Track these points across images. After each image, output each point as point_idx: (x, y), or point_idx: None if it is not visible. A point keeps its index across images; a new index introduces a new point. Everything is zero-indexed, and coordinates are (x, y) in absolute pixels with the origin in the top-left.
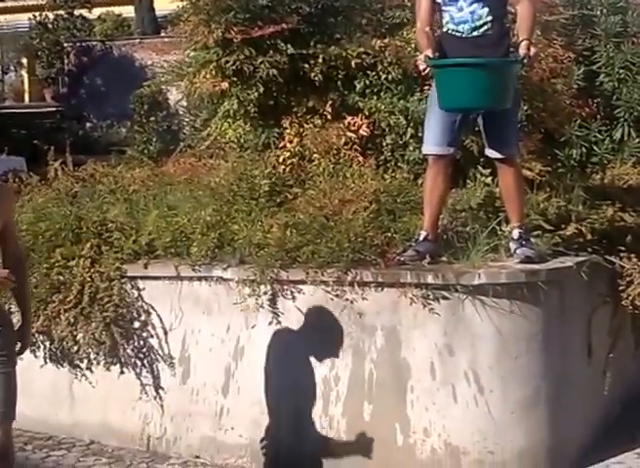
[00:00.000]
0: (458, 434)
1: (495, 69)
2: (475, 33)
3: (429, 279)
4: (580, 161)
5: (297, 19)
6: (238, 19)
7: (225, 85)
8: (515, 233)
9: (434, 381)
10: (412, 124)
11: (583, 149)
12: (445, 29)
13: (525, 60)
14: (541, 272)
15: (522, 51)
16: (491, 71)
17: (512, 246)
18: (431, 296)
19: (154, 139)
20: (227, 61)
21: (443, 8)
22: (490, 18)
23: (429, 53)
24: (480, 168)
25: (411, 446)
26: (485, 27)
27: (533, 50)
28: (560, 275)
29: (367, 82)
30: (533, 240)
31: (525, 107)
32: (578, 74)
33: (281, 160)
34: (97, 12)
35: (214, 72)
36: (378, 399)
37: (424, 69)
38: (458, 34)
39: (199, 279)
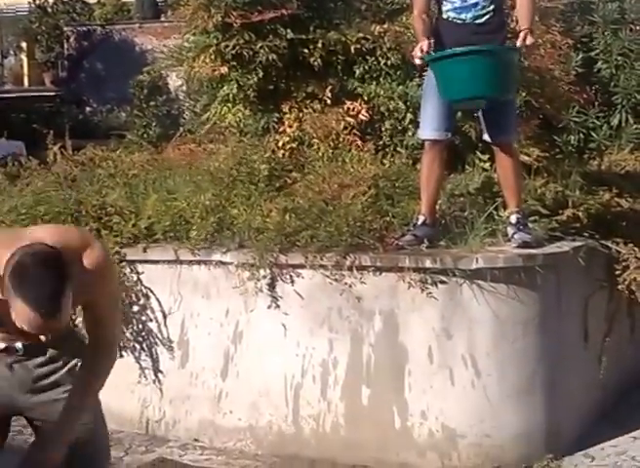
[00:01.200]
0: (455, 417)
1: (492, 57)
2: (477, 21)
3: (427, 263)
4: (578, 147)
5: (296, 3)
6: (238, 4)
7: (225, 69)
8: (513, 218)
9: (432, 365)
10: (411, 109)
11: (581, 135)
12: (445, 16)
13: (522, 50)
14: (538, 257)
15: (519, 42)
16: (488, 59)
17: (510, 230)
18: (429, 281)
19: (154, 124)
20: (227, 46)
21: None
22: (492, 7)
23: (425, 45)
24: (478, 153)
25: (408, 429)
26: (487, 16)
27: (530, 39)
28: (557, 260)
29: (366, 67)
30: (530, 225)
31: (523, 93)
32: (576, 61)
33: (280, 145)
34: None
35: (213, 57)
36: (376, 382)
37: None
38: (458, 22)
39: (198, 263)
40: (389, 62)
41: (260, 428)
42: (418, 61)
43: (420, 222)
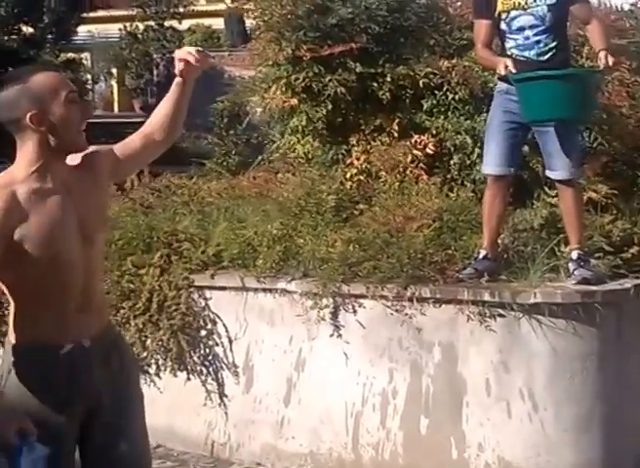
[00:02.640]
0: (511, 449)
1: (575, 80)
2: (540, 58)
3: (486, 297)
4: None
5: (366, 38)
6: (308, 38)
7: (295, 101)
8: (574, 254)
9: (489, 397)
10: (478, 144)
11: None
12: (509, 53)
13: (604, 71)
14: (597, 293)
15: (601, 62)
16: (573, 82)
17: (571, 267)
18: (488, 314)
19: (233, 152)
20: (297, 79)
21: (508, 35)
22: (554, 43)
23: (508, 61)
24: (546, 188)
25: (465, 460)
26: (550, 54)
27: (611, 59)
28: (617, 297)
29: (434, 102)
30: (594, 262)
31: (593, 130)
32: None
33: (348, 176)
34: (187, 23)
35: (284, 89)
36: (434, 413)
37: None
38: (522, 59)
39: (264, 290)
40: (457, 97)
41: (321, 454)
42: (503, 72)
43: (481, 256)
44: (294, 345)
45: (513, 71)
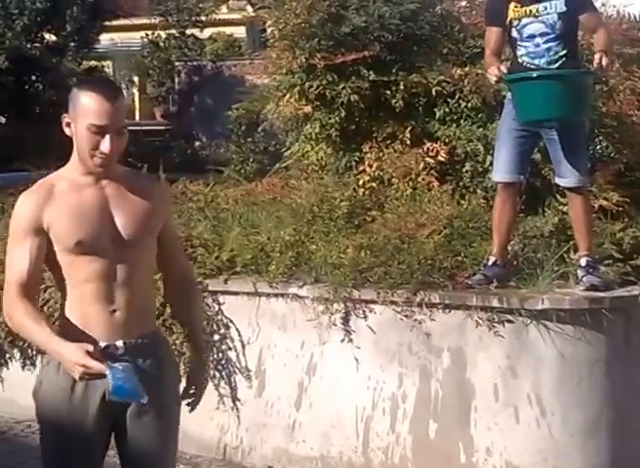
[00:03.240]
0: (519, 454)
1: (567, 80)
2: (551, 66)
3: (494, 303)
4: None
5: (379, 46)
6: (322, 46)
7: (308, 109)
8: (583, 261)
9: (497, 402)
10: (490, 152)
11: None
12: (520, 61)
13: (598, 72)
14: (605, 299)
15: (596, 62)
16: (565, 82)
17: (579, 273)
18: (496, 320)
19: (251, 160)
20: (311, 86)
21: (519, 43)
22: (564, 51)
23: (503, 68)
24: (558, 196)
25: (473, 464)
26: (560, 62)
27: (605, 60)
28: (625, 303)
29: (447, 109)
30: (603, 269)
31: (603, 142)
32: None
33: (361, 183)
34: (208, 32)
35: (297, 96)
36: (443, 417)
37: (497, 81)
38: (532, 66)
39: (276, 295)
40: (470, 105)
41: (331, 458)
42: (494, 79)
43: (490, 263)
44: (305, 350)
45: (504, 71)
